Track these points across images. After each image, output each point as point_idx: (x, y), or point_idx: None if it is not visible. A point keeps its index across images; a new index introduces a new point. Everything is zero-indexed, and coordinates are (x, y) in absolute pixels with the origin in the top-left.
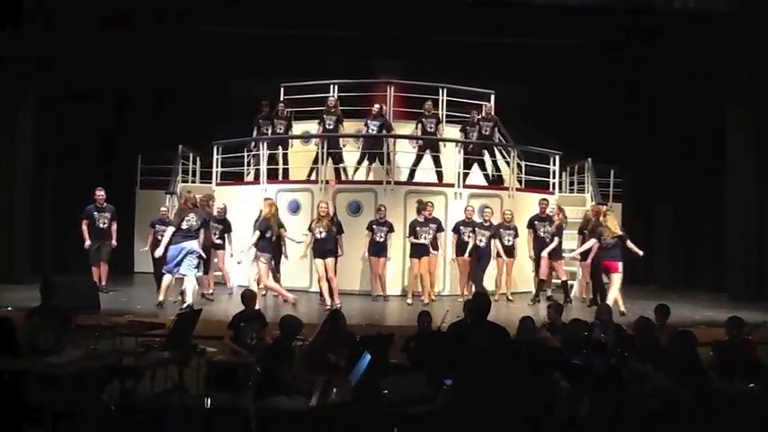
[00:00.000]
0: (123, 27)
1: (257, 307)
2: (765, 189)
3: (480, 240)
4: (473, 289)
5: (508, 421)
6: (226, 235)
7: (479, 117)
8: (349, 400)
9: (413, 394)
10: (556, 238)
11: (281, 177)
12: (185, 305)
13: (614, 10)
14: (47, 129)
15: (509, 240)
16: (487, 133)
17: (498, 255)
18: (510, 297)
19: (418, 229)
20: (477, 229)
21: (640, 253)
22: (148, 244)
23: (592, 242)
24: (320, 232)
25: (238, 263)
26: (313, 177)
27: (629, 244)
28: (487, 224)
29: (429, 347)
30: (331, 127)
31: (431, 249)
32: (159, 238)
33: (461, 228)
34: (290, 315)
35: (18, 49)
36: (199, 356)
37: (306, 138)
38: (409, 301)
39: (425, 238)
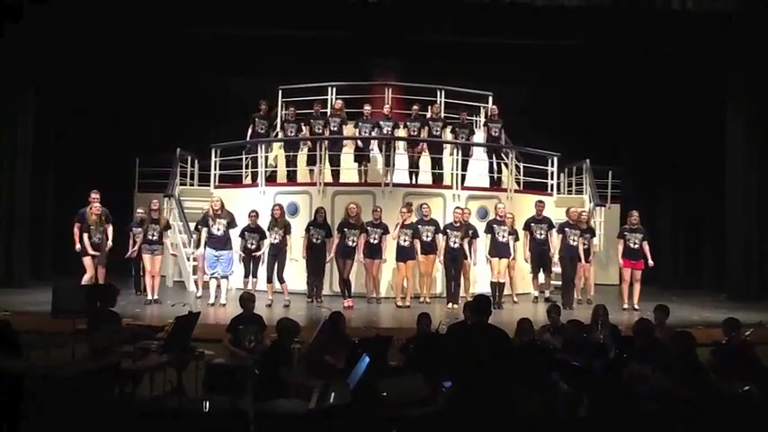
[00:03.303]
0: (122, 29)
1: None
2: (766, 190)
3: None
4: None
5: (508, 423)
6: None
7: (486, 119)
8: (348, 402)
9: (412, 396)
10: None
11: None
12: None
13: (613, 11)
14: (45, 133)
15: (503, 237)
16: (496, 134)
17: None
18: (515, 299)
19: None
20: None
21: None
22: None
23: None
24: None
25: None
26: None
27: None
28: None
29: (428, 349)
30: (336, 129)
31: (418, 252)
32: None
33: (448, 231)
34: (286, 317)
35: (17, 51)
36: (197, 359)
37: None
38: (399, 303)
39: (406, 241)
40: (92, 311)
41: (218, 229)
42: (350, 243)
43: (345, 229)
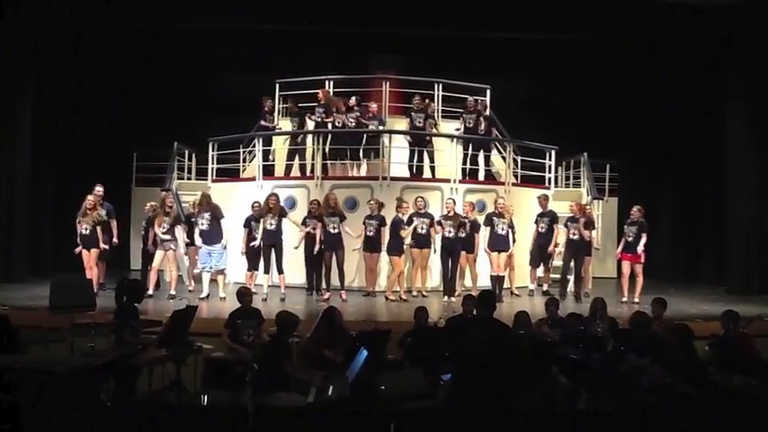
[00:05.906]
0: (121, 23)
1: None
2: (766, 183)
3: (422, 229)
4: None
5: (506, 417)
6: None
7: (477, 111)
8: (346, 396)
9: (410, 390)
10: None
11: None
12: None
13: (613, 4)
14: (45, 127)
15: (502, 230)
16: (471, 126)
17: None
18: (515, 292)
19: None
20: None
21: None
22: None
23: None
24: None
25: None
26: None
27: None
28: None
29: (426, 343)
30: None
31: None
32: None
33: (443, 221)
34: (285, 311)
35: (16, 47)
36: (196, 353)
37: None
38: (392, 297)
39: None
40: (119, 307)
41: (203, 224)
42: (331, 230)
43: (325, 218)
